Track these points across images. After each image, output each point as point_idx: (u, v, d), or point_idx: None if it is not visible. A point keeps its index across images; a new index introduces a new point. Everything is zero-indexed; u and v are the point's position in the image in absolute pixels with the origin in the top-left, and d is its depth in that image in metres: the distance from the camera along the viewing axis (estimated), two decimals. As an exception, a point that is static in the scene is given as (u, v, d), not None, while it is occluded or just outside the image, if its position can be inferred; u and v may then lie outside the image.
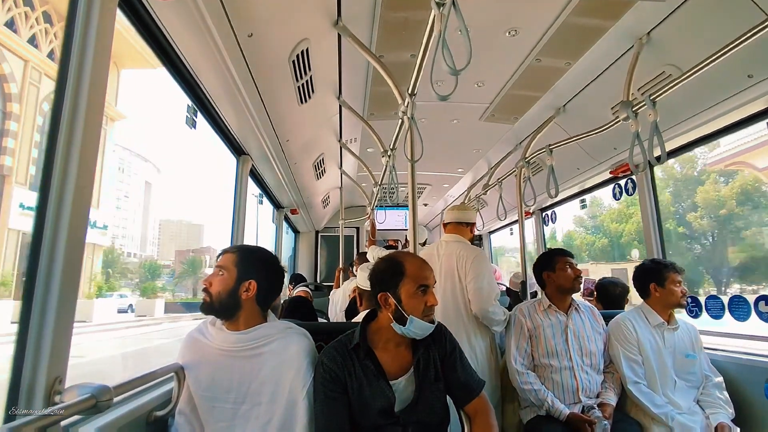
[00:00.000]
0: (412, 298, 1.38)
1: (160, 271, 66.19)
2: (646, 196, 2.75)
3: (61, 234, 1.02)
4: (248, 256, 1.45)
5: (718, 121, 2.18)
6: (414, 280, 1.40)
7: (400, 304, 1.38)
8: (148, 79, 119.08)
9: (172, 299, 49.44)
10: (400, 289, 1.39)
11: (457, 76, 1.31)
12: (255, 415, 1.35)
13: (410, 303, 1.38)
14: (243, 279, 1.40)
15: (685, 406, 1.96)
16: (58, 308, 1.00)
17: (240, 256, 1.43)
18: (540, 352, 2.10)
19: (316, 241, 6.23)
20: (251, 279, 1.41)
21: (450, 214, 2.59)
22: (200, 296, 1.43)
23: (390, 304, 1.39)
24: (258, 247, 1.53)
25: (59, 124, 1.05)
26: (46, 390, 0.98)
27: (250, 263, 1.43)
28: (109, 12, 1.14)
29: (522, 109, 2.87)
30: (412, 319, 1.36)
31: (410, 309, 1.37)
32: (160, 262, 71.19)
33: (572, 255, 2.22)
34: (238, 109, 2.09)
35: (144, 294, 47.14)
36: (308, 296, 3.24)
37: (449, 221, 2.57)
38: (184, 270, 63.84)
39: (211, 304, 1.39)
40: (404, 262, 1.43)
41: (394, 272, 1.41)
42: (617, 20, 1.89)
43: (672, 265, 2.13)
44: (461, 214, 2.56)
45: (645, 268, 2.20)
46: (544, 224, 4.40)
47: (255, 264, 1.44)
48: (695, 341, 2.11)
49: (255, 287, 1.40)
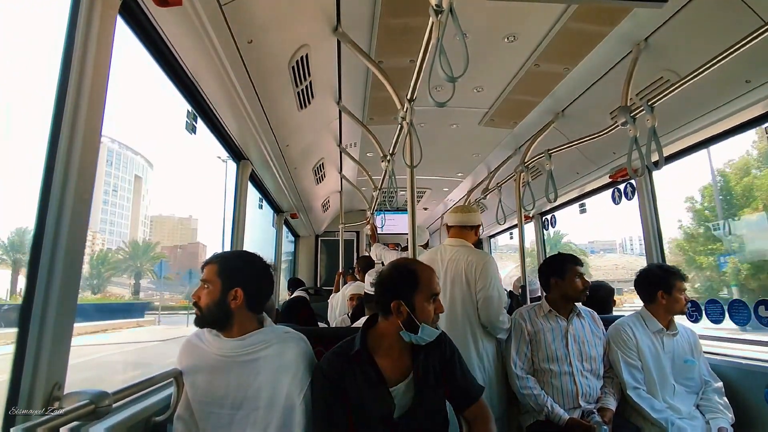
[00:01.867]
0: (426, 307, 1.39)
1: (116, 263, 50.34)
2: (646, 201, 2.75)
3: (60, 241, 1.03)
4: (230, 264, 1.43)
5: (716, 126, 2.19)
6: (427, 288, 1.40)
7: (413, 313, 1.38)
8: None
9: (97, 298, 41.31)
10: (414, 298, 1.39)
11: (455, 83, 1.31)
12: (252, 421, 1.34)
13: (424, 312, 1.38)
14: (228, 288, 1.38)
15: (685, 411, 1.96)
16: (57, 315, 1.01)
17: (221, 265, 1.41)
18: (540, 357, 2.09)
19: (316, 246, 6.23)
20: (236, 287, 1.39)
21: (453, 216, 2.45)
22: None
23: (402, 312, 1.38)
24: (238, 252, 1.51)
25: (60, 131, 1.06)
26: (45, 396, 0.98)
27: (232, 271, 1.41)
28: (109, 19, 1.15)
29: (521, 114, 2.88)
30: (425, 327, 1.37)
31: (423, 317, 1.38)
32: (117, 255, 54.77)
33: (583, 264, 2.19)
34: (238, 114, 2.10)
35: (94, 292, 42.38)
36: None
37: (453, 224, 2.44)
38: (119, 260, 49.54)
39: (203, 317, 1.39)
40: (417, 271, 1.43)
41: (408, 281, 1.41)
42: (615, 26, 1.90)
43: (679, 273, 2.11)
44: (466, 216, 2.42)
45: (653, 275, 2.16)
46: (544, 228, 4.41)
47: (238, 271, 1.43)
48: (694, 346, 2.11)
49: (242, 294, 1.39)
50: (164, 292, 40.81)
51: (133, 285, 47.99)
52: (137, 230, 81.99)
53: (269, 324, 1.49)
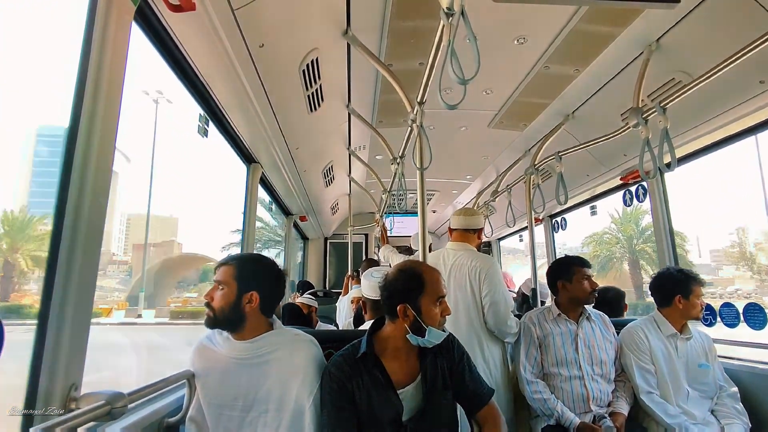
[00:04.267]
0: (432, 310, 1.39)
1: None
2: (658, 203, 2.72)
3: (77, 246, 1.05)
4: (247, 268, 1.43)
5: (730, 127, 2.16)
6: (433, 291, 1.40)
7: (419, 316, 1.37)
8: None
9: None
10: (420, 301, 1.39)
11: (465, 85, 1.31)
12: (262, 423, 1.35)
13: (430, 315, 1.38)
14: (244, 291, 1.39)
15: (700, 417, 1.93)
16: (74, 318, 1.02)
17: (238, 268, 1.41)
18: (549, 361, 2.07)
19: (325, 248, 6.25)
20: (252, 290, 1.39)
21: (455, 219, 2.46)
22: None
23: (409, 316, 1.38)
24: (254, 256, 1.51)
25: (77, 134, 1.08)
26: (62, 397, 1.00)
27: (249, 275, 1.42)
28: (124, 24, 1.18)
29: (531, 116, 2.87)
30: (431, 330, 1.37)
31: (429, 320, 1.37)
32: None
33: (590, 265, 2.17)
34: (249, 118, 2.12)
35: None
36: (306, 307, 3.10)
37: (455, 227, 2.44)
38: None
39: (215, 318, 1.39)
40: (423, 274, 1.43)
41: (413, 284, 1.41)
42: (626, 27, 1.89)
43: (697, 278, 2.07)
44: (468, 220, 2.43)
45: (672, 278, 2.11)
46: (554, 231, 4.38)
47: (255, 275, 1.43)
48: (709, 351, 2.08)
49: (257, 298, 1.39)
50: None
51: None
52: (111, 226, 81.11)
53: (279, 326, 1.50)
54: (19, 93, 59.62)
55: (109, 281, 43.81)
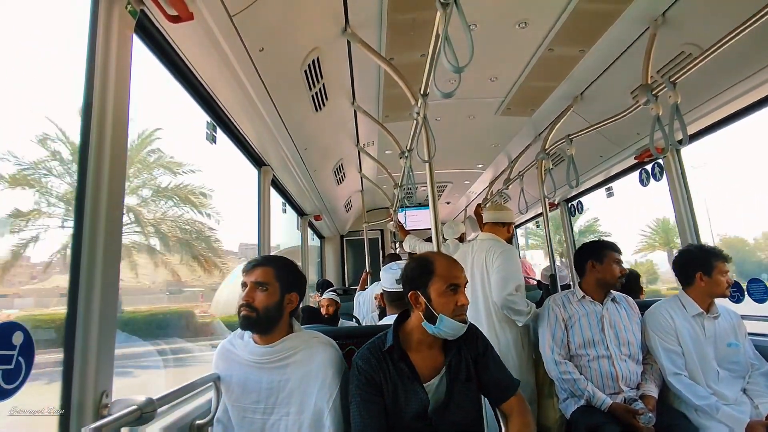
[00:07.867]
0: (442, 296, 1.38)
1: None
2: (675, 180, 2.65)
3: (97, 257, 1.07)
4: (287, 269, 1.47)
5: (743, 99, 2.09)
6: (443, 278, 1.39)
7: (429, 303, 1.38)
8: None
9: None
10: (429, 288, 1.39)
11: (461, 74, 1.30)
12: (284, 426, 1.37)
13: (440, 301, 1.37)
14: (287, 292, 1.43)
15: (732, 397, 1.87)
16: (100, 327, 1.05)
17: (279, 270, 1.45)
18: (576, 343, 2.06)
19: (341, 246, 6.29)
20: (294, 291, 1.45)
21: (487, 213, 2.69)
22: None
23: (420, 303, 1.39)
24: (284, 258, 1.54)
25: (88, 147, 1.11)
26: (94, 405, 1.03)
27: (289, 276, 1.46)
28: (125, 38, 1.20)
29: (538, 100, 2.83)
30: (442, 318, 1.36)
31: (440, 307, 1.37)
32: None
33: (621, 252, 2.17)
34: (256, 121, 2.14)
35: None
36: (333, 303, 3.20)
37: (487, 221, 2.67)
38: None
39: (257, 319, 1.39)
40: (434, 261, 1.43)
41: (423, 271, 1.41)
42: (630, 2, 1.83)
43: (720, 253, 2.00)
44: (498, 214, 2.64)
45: (692, 255, 2.07)
46: (570, 215, 4.31)
47: (294, 276, 1.48)
48: (738, 329, 2.01)
49: (297, 299, 1.45)
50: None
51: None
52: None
53: (298, 328, 1.52)
54: (25, 118, 59.74)
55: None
